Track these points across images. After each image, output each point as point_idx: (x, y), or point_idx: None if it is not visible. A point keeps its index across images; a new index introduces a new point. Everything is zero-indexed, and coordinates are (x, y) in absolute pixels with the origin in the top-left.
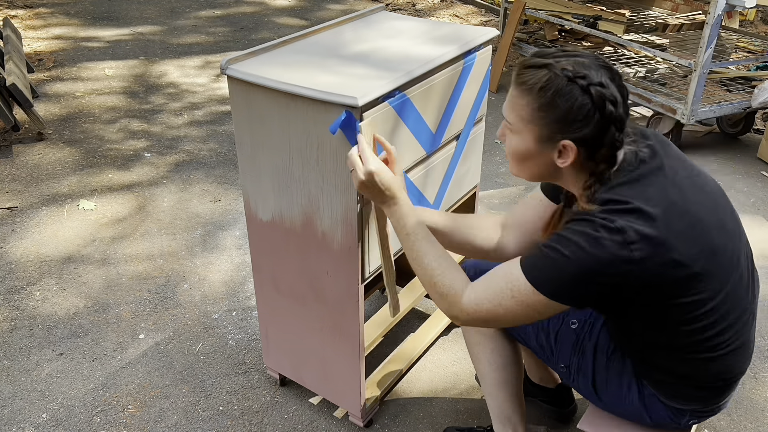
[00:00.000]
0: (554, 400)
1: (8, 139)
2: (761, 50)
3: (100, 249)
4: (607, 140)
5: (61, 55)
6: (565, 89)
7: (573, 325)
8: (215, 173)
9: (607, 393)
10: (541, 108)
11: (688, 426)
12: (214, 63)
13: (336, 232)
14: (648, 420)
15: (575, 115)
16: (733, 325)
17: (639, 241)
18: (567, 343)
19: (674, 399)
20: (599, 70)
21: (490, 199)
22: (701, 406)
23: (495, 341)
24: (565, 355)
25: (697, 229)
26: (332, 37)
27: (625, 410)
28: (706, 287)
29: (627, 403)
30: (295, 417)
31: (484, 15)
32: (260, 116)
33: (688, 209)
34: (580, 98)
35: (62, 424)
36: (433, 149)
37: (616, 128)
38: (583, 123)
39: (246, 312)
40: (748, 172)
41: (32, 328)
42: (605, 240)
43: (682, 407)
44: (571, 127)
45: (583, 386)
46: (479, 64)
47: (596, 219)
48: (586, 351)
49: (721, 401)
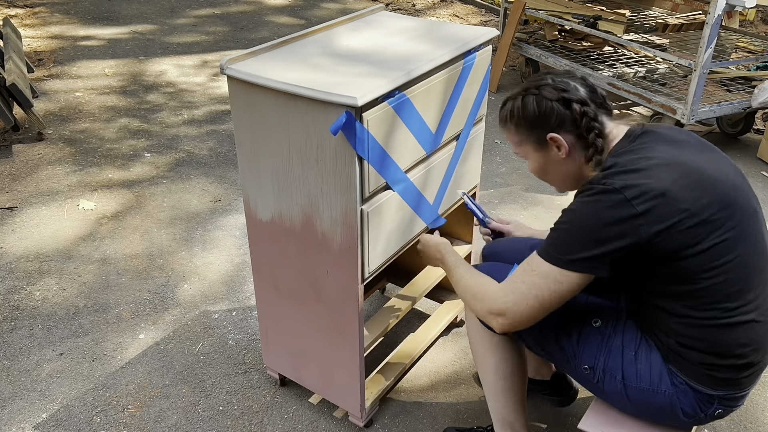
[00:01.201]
0: (554, 390)
1: (8, 139)
2: (761, 50)
3: (100, 249)
4: (579, 115)
5: (60, 54)
6: (521, 104)
7: (596, 324)
8: (215, 173)
9: (637, 389)
10: (518, 127)
11: (713, 417)
12: (212, 62)
13: (336, 232)
14: (680, 413)
15: (541, 113)
16: (752, 289)
17: (640, 195)
18: (592, 343)
19: (703, 382)
20: (545, 77)
21: (490, 199)
22: (728, 391)
23: (503, 352)
24: (590, 355)
25: (701, 180)
26: (332, 37)
27: (656, 405)
28: (722, 236)
29: (659, 395)
30: (295, 417)
31: (484, 15)
32: (260, 116)
33: (687, 163)
34: (535, 100)
35: (62, 424)
36: (433, 149)
37: (580, 104)
38: (551, 115)
39: (246, 312)
40: (748, 172)
41: (32, 328)
42: (606, 202)
43: (710, 392)
44: (545, 123)
45: (609, 386)
46: (479, 64)
47: (595, 186)
48: (612, 348)
49: (745, 387)
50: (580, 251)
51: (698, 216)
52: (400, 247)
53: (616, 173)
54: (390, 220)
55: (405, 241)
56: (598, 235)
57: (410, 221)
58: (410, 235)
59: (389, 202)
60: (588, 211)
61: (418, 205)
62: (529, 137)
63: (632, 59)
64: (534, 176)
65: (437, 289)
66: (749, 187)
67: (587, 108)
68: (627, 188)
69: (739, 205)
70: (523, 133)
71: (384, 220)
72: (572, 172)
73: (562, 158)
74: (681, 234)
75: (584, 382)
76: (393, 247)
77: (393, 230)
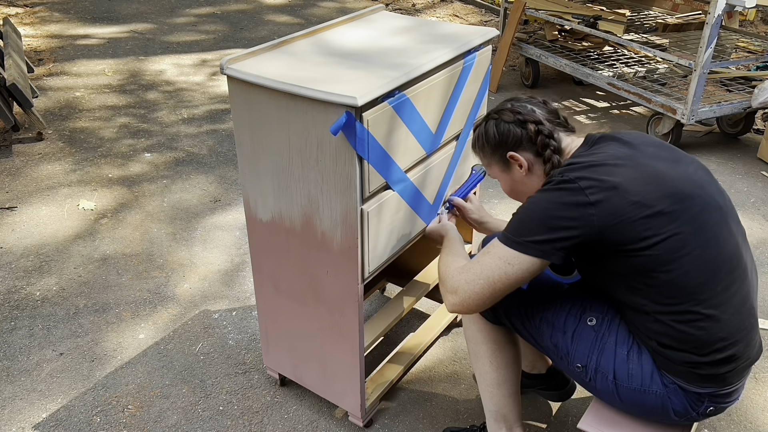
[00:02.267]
0: (550, 384)
1: (8, 139)
2: (761, 50)
3: (99, 249)
4: (533, 133)
5: (60, 54)
6: (484, 129)
7: (591, 323)
8: (215, 173)
9: (629, 389)
10: (484, 150)
11: (705, 414)
12: (211, 61)
13: (336, 232)
14: (671, 413)
15: (500, 135)
16: (719, 283)
17: (593, 186)
18: (585, 341)
19: (689, 381)
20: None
21: (490, 199)
22: (715, 388)
23: (497, 342)
24: (583, 353)
25: (655, 176)
26: (332, 37)
27: (647, 405)
28: (676, 229)
29: (650, 395)
30: (295, 417)
31: (484, 15)
32: (260, 116)
33: (640, 160)
34: (495, 124)
35: (62, 424)
36: (433, 149)
37: (534, 123)
38: (508, 135)
39: (246, 312)
40: (748, 172)
41: (32, 328)
42: (562, 190)
43: (698, 390)
44: (505, 144)
45: (601, 385)
46: (479, 64)
47: (553, 178)
48: (606, 347)
49: (732, 383)
50: (532, 234)
51: (651, 208)
52: (400, 247)
53: (573, 169)
54: (390, 220)
55: (405, 241)
56: (550, 220)
57: (410, 221)
58: (410, 235)
59: (389, 202)
60: (544, 197)
61: (418, 205)
62: (493, 158)
63: (632, 59)
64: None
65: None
66: (716, 184)
67: (542, 126)
68: (581, 179)
69: (698, 199)
70: (488, 155)
71: (384, 220)
72: (536, 188)
73: (524, 175)
74: (633, 225)
75: (578, 380)
76: (393, 247)
77: (393, 230)
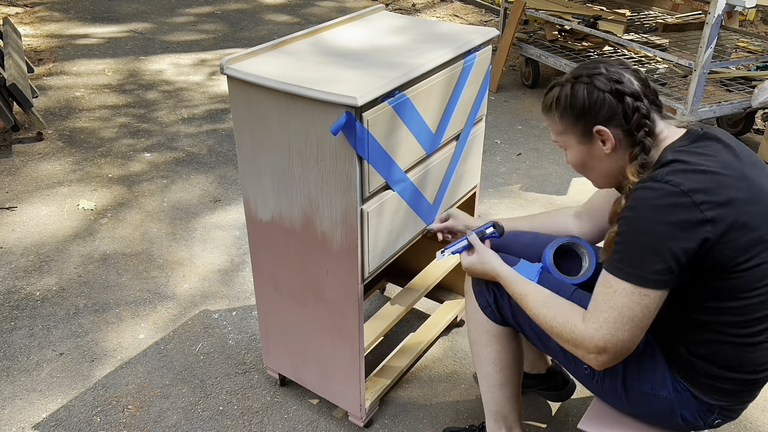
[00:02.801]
0: (549, 384)
1: (8, 139)
2: (761, 50)
3: (99, 249)
4: (630, 110)
5: (60, 53)
6: (570, 91)
7: None
8: (215, 173)
9: (638, 391)
10: (563, 115)
11: (712, 425)
12: (211, 60)
13: (336, 232)
14: (679, 419)
15: (590, 104)
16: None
17: (707, 201)
18: None
19: (706, 392)
20: (598, 65)
21: (489, 199)
22: (730, 403)
23: (502, 342)
24: None
25: (760, 196)
26: (332, 37)
27: (655, 409)
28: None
29: (659, 399)
30: (295, 417)
31: (484, 15)
32: (260, 116)
33: (749, 176)
34: (586, 90)
35: (62, 424)
36: (433, 149)
37: (633, 98)
38: (601, 107)
39: (246, 312)
40: None
41: (32, 328)
42: (675, 207)
43: (712, 402)
44: (594, 115)
45: (609, 387)
46: (479, 64)
47: (660, 186)
48: None
49: (747, 400)
50: (653, 265)
51: (754, 232)
52: (400, 247)
53: (680, 170)
54: (390, 220)
55: (405, 241)
56: (669, 247)
57: (410, 221)
58: (410, 235)
59: (389, 202)
60: (654, 217)
61: (418, 205)
62: (574, 128)
63: (632, 59)
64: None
65: (437, 289)
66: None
67: (640, 103)
68: (694, 192)
69: None
70: (567, 122)
71: (384, 220)
72: (614, 170)
73: (606, 154)
74: (735, 247)
75: (584, 382)
76: (393, 247)
77: (393, 230)
